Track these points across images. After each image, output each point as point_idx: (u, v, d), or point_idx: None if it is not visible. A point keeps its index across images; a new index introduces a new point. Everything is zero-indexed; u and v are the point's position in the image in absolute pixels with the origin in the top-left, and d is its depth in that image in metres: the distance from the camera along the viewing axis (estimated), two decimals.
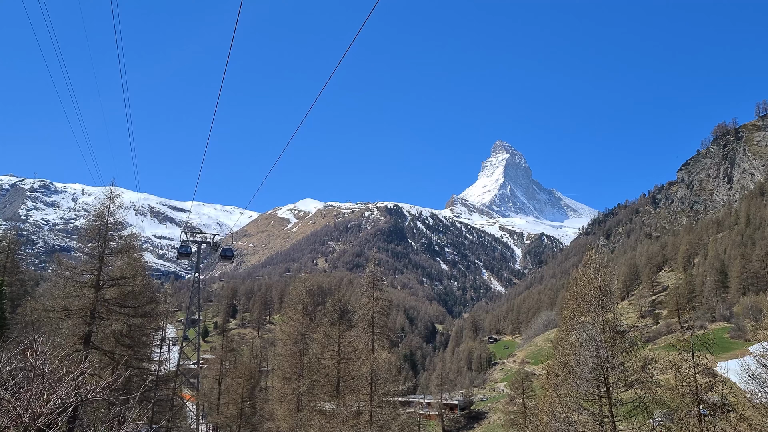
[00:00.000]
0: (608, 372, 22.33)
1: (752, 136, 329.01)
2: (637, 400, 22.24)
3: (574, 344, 24.48)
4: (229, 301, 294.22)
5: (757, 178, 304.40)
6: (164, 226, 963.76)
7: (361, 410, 37.75)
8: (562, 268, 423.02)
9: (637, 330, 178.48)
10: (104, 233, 41.06)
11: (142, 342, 52.28)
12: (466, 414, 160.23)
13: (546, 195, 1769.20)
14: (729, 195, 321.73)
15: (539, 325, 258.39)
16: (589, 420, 22.12)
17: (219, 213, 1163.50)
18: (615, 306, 25.35)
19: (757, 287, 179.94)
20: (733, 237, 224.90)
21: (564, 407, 22.56)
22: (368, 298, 42.63)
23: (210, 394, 76.87)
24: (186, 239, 79.85)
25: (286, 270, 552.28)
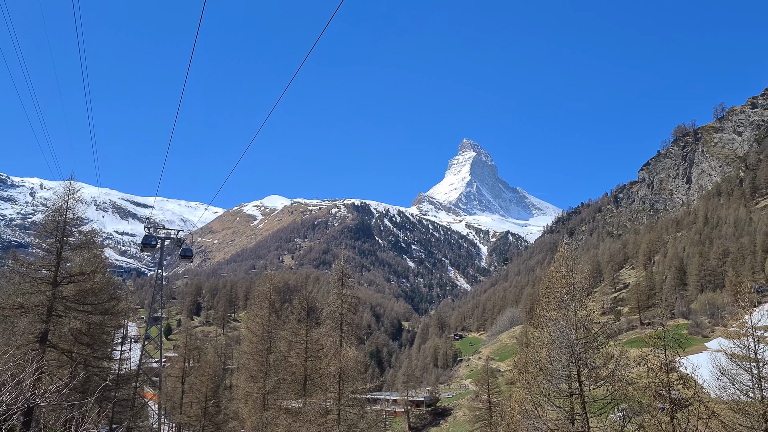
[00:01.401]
0: (580, 369, 22.38)
1: (710, 138, 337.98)
2: (608, 396, 22.35)
3: (546, 341, 24.50)
4: (193, 299, 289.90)
5: (714, 178, 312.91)
6: (126, 222, 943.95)
7: (329, 408, 37.28)
8: (527, 266, 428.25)
9: (600, 326, 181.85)
10: (63, 228, 39.67)
11: (102, 340, 50.81)
12: (432, 410, 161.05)
13: (512, 193, 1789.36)
14: (688, 195, 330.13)
15: (504, 322, 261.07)
16: (561, 417, 22.14)
17: (183, 209, 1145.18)
18: (586, 302, 25.42)
19: (714, 285, 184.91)
20: (691, 236, 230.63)
21: (536, 405, 22.53)
22: (336, 295, 42.12)
23: (173, 393, 75.28)
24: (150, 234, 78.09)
25: (252, 267, 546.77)
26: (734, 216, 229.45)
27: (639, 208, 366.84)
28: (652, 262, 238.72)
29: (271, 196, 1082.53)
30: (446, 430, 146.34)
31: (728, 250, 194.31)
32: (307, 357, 43.28)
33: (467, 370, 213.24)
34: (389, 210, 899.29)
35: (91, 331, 46.10)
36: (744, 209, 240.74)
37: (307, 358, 43.19)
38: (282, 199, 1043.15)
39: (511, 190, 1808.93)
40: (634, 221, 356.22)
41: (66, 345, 41.31)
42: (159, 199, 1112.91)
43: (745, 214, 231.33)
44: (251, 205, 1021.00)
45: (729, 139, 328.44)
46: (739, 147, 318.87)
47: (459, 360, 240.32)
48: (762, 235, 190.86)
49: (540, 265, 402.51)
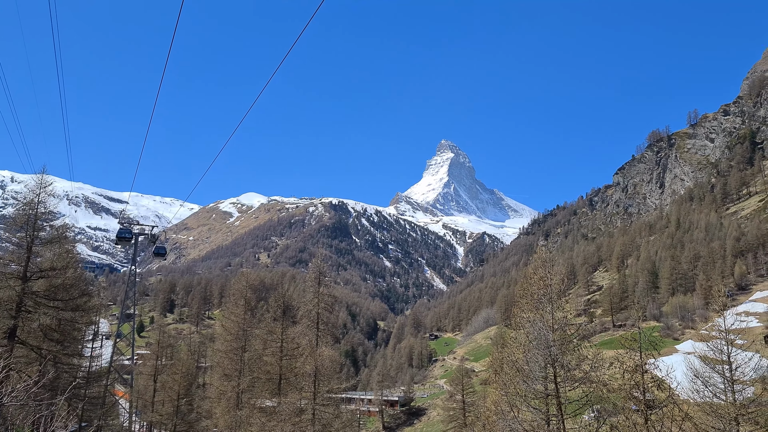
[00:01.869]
0: (557, 370, 22.51)
1: (683, 144, 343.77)
2: (583, 398, 22.48)
3: (523, 342, 24.59)
4: (167, 296, 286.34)
5: (686, 183, 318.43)
6: (99, 217, 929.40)
7: (303, 408, 36.99)
8: (503, 267, 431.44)
9: (574, 328, 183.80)
10: (33, 222, 38.84)
11: (72, 337, 49.88)
12: (406, 410, 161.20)
13: (488, 195, 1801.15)
14: (661, 199, 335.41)
15: (479, 323, 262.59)
16: (537, 418, 22.21)
17: (158, 205, 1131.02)
18: (563, 304, 25.61)
19: (685, 288, 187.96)
20: (664, 239, 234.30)
21: (512, 406, 22.59)
22: (313, 293, 41.85)
23: (145, 391, 74.24)
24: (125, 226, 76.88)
25: (227, 265, 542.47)
26: (705, 221, 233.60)
27: (613, 211, 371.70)
28: (626, 265, 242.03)
29: (248, 194, 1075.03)
30: (420, 429, 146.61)
31: (699, 254, 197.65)
32: (283, 356, 42.94)
33: (442, 370, 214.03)
34: (367, 209, 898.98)
35: (61, 328, 45.21)
36: (715, 214, 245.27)
37: (283, 357, 42.85)
38: (259, 197, 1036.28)
39: (488, 192, 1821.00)
40: (609, 224, 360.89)
41: (35, 341, 40.46)
42: (133, 194, 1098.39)
43: (716, 219, 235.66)
44: (228, 202, 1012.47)
45: (701, 146, 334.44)
46: (711, 153, 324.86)
47: (434, 360, 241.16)
48: (732, 240, 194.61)
49: (515, 266, 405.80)
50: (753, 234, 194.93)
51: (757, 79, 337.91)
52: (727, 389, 25.35)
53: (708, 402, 24.91)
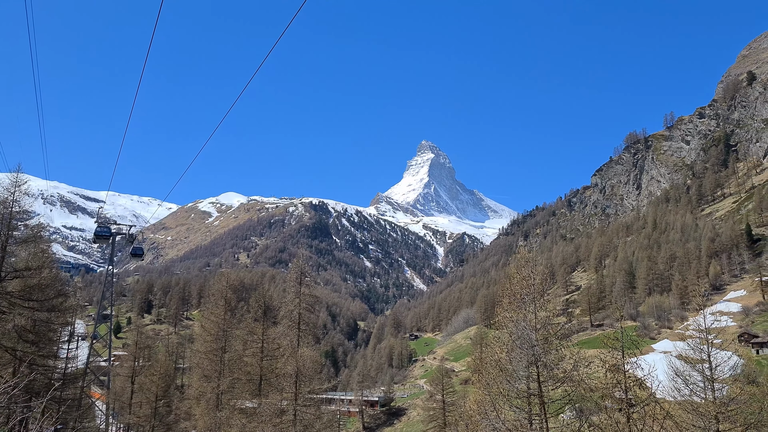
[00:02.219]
0: (540, 369, 22.62)
1: (660, 146, 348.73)
2: (566, 397, 22.63)
3: (506, 341, 24.65)
4: (144, 296, 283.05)
5: (663, 185, 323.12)
6: (75, 216, 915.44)
7: (284, 409, 36.72)
8: (483, 267, 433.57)
9: (556, 327, 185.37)
10: (8, 222, 38.04)
11: (48, 338, 48.99)
12: (386, 410, 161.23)
13: (468, 195, 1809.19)
14: (638, 200, 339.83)
15: (459, 323, 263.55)
16: (520, 417, 22.29)
17: (136, 204, 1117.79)
18: (548, 304, 25.75)
19: (661, 288, 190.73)
20: (640, 240, 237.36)
21: (496, 406, 22.62)
22: (294, 293, 41.57)
23: (122, 392, 73.21)
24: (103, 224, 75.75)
25: (206, 265, 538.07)
26: (681, 222, 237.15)
27: (591, 212, 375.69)
28: (603, 266, 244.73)
29: (228, 193, 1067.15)
30: (400, 429, 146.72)
31: (675, 254, 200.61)
32: (263, 356, 42.61)
33: (422, 370, 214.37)
34: (347, 209, 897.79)
35: (36, 329, 44.38)
36: (690, 215, 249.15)
37: (263, 358, 42.52)
38: (239, 197, 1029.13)
39: (468, 192, 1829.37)
40: (587, 225, 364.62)
41: (10, 343, 39.63)
42: (111, 193, 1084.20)
43: (691, 220, 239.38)
44: (207, 201, 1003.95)
45: (677, 148, 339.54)
46: (687, 155, 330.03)
47: (414, 360, 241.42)
48: (707, 240, 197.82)
49: (495, 266, 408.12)
50: (727, 235, 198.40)
51: (731, 82, 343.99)
52: (707, 388, 25.70)
53: (688, 400, 25.22)
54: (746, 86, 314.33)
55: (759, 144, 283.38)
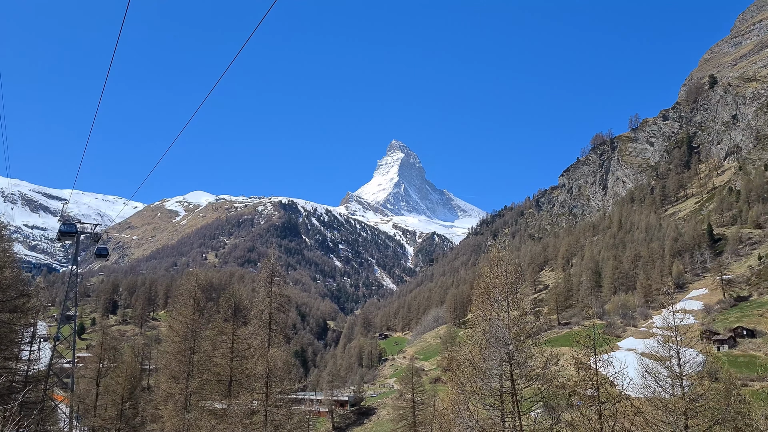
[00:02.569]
0: (513, 367, 22.80)
1: (625, 147, 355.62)
2: (538, 395, 22.90)
3: (479, 340, 24.81)
4: (109, 297, 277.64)
5: (628, 185, 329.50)
6: (37, 215, 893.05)
7: (255, 410, 36.34)
8: (452, 267, 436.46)
9: (529, 325, 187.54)
10: None
11: (9, 339, 47.72)
12: (356, 410, 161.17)
13: (438, 195, 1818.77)
14: (604, 200, 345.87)
15: (429, 322, 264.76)
16: (493, 415, 22.44)
17: (100, 203, 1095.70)
18: (520, 303, 25.98)
19: (626, 287, 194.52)
20: (606, 240, 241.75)
21: (469, 404, 22.72)
22: (265, 293, 41.17)
23: (86, 395, 71.64)
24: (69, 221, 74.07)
25: (173, 264, 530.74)
26: (646, 222, 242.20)
27: (559, 212, 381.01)
28: (570, 265, 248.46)
29: (196, 192, 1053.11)
30: (370, 429, 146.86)
31: (640, 254, 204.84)
32: (233, 357, 42.11)
33: (392, 369, 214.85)
34: (317, 209, 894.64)
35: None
36: (655, 216, 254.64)
37: (233, 358, 42.02)
38: (207, 195, 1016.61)
39: (438, 192, 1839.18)
40: (554, 225, 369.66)
41: None
42: (74, 191, 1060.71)
43: (655, 220, 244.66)
44: (174, 200, 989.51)
45: (642, 149, 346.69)
46: (651, 156, 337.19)
47: (384, 359, 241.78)
48: (670, 240, 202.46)
49: (464, 266, 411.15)
50: (689, 235, 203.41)
51: (693, 86, 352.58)
52: (675, 384, 26.26)
53: (658, 397, 25.74)
54: (708, 90, 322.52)
55: (720, 146, 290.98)
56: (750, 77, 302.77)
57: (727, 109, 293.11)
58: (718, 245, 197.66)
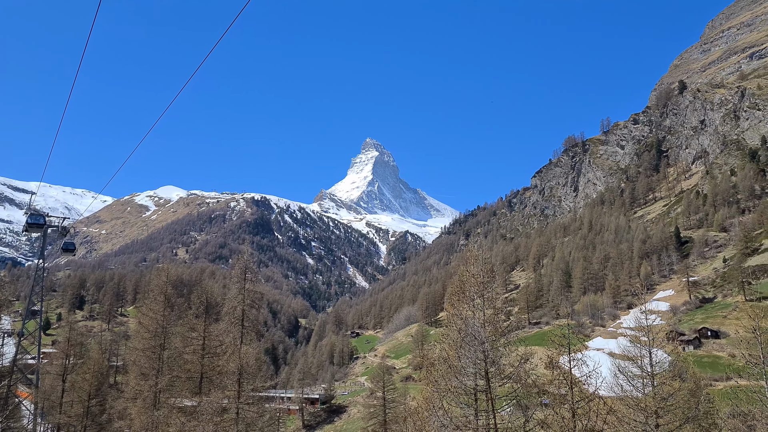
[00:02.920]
0: (488, 366, 22.93)
1: (596, 149, 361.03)
2: (512, 393, 23.09)
3: (455, 338, 24.89)
4: (76, 292, 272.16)
5: (599, 187, 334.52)
6: (2, 207, 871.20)
7: (226, 407, 35.93)
8: (425, 266, 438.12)
9: (505, 324, 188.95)
10: None
11: None
12: (326, 408, 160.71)
13: (412, 194, 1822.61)
14: (575, 202, 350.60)
15: (401, 321, 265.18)
16: (467, 414, 22.56)
17: (68, 196, 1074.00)
18: (495, 302, 26.16)
19: (595, 287, 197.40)
20: (577, 241, 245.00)
21: (444, 402, 22.81)
22: (238, 289, 40.74)
23: (51, 391, 70.13)
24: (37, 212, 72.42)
25: (143, 260, 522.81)
26: (615, 224, 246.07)
27: (531, 213, 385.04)
28: (541, 265, 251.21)
29: (167, 187, 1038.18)
30: (341, 427, 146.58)
31: (609, 255, 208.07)
32: (205, 354, 41.58)
33: (363, 367, 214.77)
34: (290, 206, 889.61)
35: None
36: (624, 218, 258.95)
37: (205, 355, 41.49)
38: (178, 190, 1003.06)
39: (412, 191, 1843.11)
40: (526, 225, 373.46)
41: None
42: (42, 184, 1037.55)
43: (624, 222, 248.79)
44: (144, 195, 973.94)
45: (613, 152, 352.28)
46: (622, 159, 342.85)
47: (355, 357, 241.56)
48: (639, 242, 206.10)
49: (437, 265, 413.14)
50: (657, 237, 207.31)
51: (663, 91, 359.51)
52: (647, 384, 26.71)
53: (631, 396, 26.20)
54: (678, 95, 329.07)
55: (688, 150, 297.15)
56: (718, 83, 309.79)
57: (695, 115, 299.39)
58: (685, 247, 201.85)
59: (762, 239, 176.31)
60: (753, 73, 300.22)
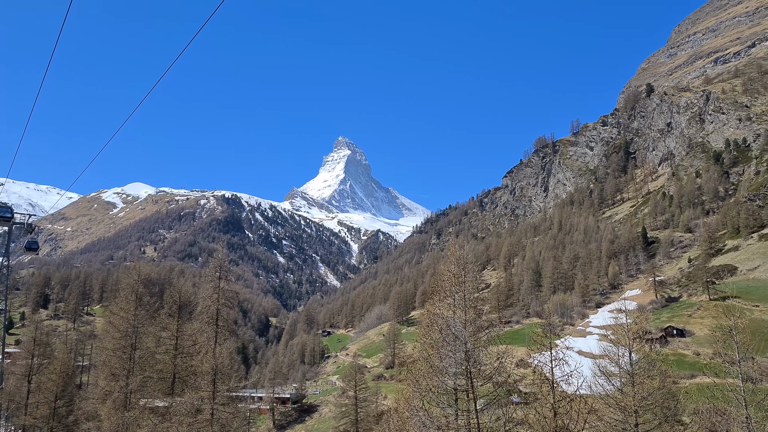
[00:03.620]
0: (471, 365, 22.98)
1: (566, 150, 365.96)
2: (493, 393, 23.19)
3: (436, 339, 24.89)
4: (41, 290, 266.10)
5: (568, 188, 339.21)
6: None
7: (200, 408, 35.37)
8: (396, 265, 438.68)
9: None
10: None
11: None
12: (298, 407, 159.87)
13: (384, 193, 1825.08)
14: (545, 202, 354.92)
15: (372, 319, 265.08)
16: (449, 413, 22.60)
17: (33, 192, 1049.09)
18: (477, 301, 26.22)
19: (565, 287, 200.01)
20: (547, 241, 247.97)
21: (425, 402, 22.81)
22: (213, 288, 40.14)
23: (16, 392, 68.33)
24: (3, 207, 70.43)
25: (110, 258, 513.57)
26: (584, 224, 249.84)
27: (501, 212, 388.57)
28: (512, 264, 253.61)
29: (135, 184, 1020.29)
30: (312, 426, 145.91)
31: (578, 255, 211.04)
32: (177, 354, 40.92)
33: (334, 366, 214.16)
34: (261, 204, 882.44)
35: None
36: (593, 218, 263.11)
37: (177, 355, 40.84)
38: (146, 188, 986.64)
39: (384, 190, 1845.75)
40: (497, 225, 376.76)
41: None
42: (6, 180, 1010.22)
43: (593, 222, 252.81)
44: (111, 191, 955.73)
45: (582, 153, 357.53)
46: (591, 161, 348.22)
47: (326, 356, 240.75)
48: (607, 242, 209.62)
49: (408, 264, 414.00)
50: (625, 237, 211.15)
51: (631, 93, 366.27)
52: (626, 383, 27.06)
53: (610, 395, 26.54)
54: (645, 98, 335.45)
55: (655, 152, 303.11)
56: (684, 87, 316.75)
57: (662, 117, 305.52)
58: (652, 248, 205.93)
59: (726, 240, 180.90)
60: (717, 78, 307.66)
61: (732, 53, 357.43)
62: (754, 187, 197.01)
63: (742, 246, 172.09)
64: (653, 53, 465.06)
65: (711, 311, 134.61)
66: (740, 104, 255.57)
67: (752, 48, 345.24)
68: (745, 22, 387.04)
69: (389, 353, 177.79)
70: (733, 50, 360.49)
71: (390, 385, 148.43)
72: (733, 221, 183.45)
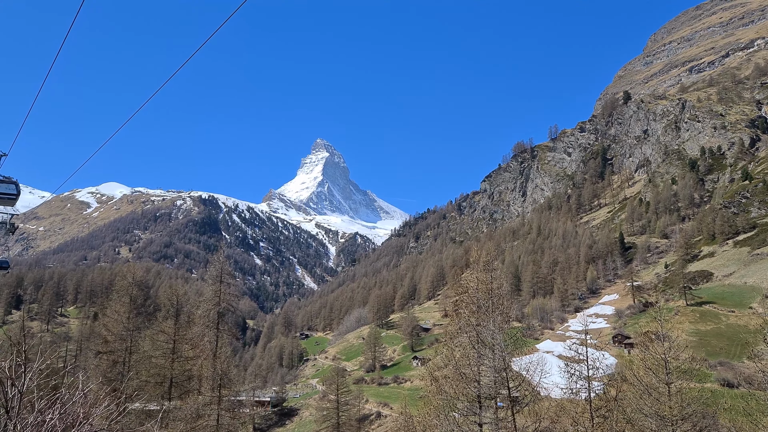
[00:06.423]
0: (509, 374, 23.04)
1: (544, 156, 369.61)
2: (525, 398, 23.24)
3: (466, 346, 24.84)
4: (13, 291, 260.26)
5: (546, 193, 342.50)
6: None
7: (200, 413, 34.90)
8: (374, 267, 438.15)
9: (443, 328, 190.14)
10: None
11: None
12: (278, 411, 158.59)
13: (362, 196, 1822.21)
14: (523, 207, 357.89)
15: (351, 322, 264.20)
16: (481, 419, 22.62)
17: None
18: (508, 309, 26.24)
19: (544, 291, 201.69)
20: (526, 245, 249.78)
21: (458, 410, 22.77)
22: (214, 292, 39.64)
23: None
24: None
25: (83, 258, 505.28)
26: (563, 229, 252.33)
27: (480, 216, 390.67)
28: None
29: (109, 183, 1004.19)
30: (292, 430, 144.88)
31: (557, 259, 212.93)
32: (175, 358, 40.34)
33: (314, 369, 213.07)
34: (238, 205, 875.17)
35: None
36: (571, 223, 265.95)
37: (175, 359, 40.26)
38: (121, 187, 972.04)
39: (362, 193, 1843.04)
40: (475, 229, 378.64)
41: None
42: None
43: (571, 227, 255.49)
44: (85, 191, 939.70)
45: (560, 159, 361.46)
46: (569, 166, 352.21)
47: (305, 359, 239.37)
48: (585, 247, 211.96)
49: (387, 267, 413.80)
50: (603, 242, 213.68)
51: (609, 100, 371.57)
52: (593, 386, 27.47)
53: (586, 398, 26.82)
54: (622, 105, 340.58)
55: (632, 159, 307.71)
56: (660, 95, 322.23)
57: (639, 124, 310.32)
58: (629, 253, 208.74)
59: (701, 246, 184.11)
60: (692, 86, 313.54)
61: (706, 62, 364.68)
62: (729, 195, 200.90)
63: (717, 252, 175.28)
64: (630, 61, 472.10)
65: (689, 316, 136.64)
66: (715, 113, 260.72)
67: (726, 58, 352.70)
68: (720, 32, 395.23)
69: (370, 356, 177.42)
70: (707, 59, 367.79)
71: (371, 388, 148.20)
72: (708, 228, 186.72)
